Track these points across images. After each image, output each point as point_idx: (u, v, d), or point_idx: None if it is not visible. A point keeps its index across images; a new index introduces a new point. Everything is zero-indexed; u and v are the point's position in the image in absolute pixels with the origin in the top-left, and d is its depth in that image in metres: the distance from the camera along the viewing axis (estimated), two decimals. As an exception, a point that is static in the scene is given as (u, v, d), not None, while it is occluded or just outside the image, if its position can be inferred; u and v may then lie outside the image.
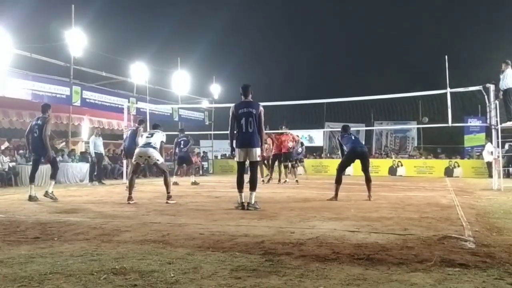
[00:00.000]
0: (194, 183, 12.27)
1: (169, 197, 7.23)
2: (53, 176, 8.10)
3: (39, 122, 8.01)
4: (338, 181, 7.81)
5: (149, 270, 2.80)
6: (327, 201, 7.37)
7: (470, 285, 2.52)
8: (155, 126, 8.15)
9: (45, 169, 12.94)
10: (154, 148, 7.37)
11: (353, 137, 8.17)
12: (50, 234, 4.18)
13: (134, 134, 11.00)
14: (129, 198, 7.17)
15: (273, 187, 11.21)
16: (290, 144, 12.52)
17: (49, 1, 26.36)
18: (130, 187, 7.37)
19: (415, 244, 3.61)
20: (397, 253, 3.29)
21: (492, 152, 17.58)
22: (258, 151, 6.35)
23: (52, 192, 7.82)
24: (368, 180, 7.81)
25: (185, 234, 4.14)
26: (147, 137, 7.64)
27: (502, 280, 2.62)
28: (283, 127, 12.83)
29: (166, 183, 7.40)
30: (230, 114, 6.42)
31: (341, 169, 8.03)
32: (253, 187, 6.32)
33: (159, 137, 7.58)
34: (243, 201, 6.24)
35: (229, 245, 3.59)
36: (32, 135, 8.00)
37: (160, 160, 7.43)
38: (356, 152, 7.85)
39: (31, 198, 7.63)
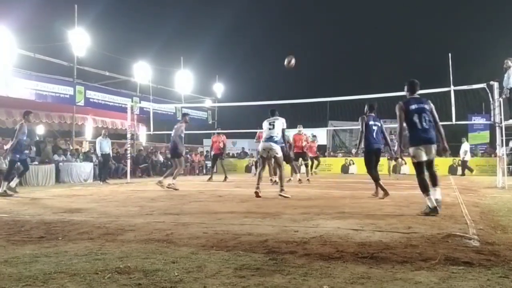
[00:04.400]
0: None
1: (281, 190, 7.69)
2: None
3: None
4: (376, 179, 7.65)
5: (153, 269, 2.81)
6: (331, 200, 7.38)
7: (475, 283, 2.51)
8: (272, 112, 8.24)
9: (46, 169, 13.07)
10: (275, 142, 7.84)
11: (373, 126, 7.72)
12: (54, 233, 4.20)
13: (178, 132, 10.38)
14: (258, 189, 7.63)
15: (275, 186, 11.17)
16: (304, 144, 12.87)
17: (52, 1, 26.49)
18: (259, 179, 7.91)
19: (419, 243, 3.60)
20: (401, 251, 3.29)
21: (465, 152, 17.85)
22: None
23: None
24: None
25: (189, 233, 4.14)
26: (269, 128, 7.90)
27: (507, 278, 2.61)
28: (300, 126, 13.12)
29: (281, 177, 7.89)
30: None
31: (369, 168, 7.72)
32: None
33: (280, 125, 7.92)
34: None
35: (233, 244, 3.59)
36: None
37: (279, 154, 7.87)
38: (373, 150, 7.67)
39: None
